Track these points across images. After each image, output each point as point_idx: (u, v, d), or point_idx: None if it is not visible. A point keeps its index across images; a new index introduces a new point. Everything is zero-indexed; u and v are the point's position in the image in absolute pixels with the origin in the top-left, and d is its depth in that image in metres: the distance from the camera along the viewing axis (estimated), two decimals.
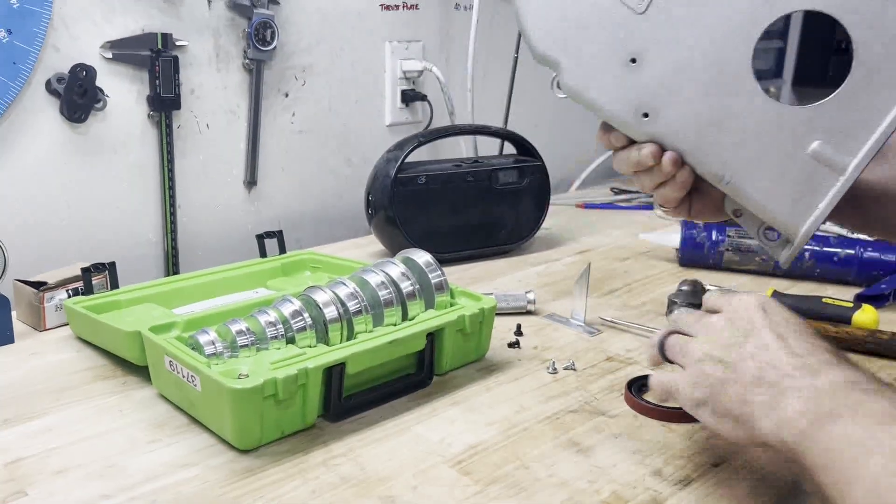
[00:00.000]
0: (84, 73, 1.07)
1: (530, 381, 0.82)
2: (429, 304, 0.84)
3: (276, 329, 0.76)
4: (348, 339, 0.77)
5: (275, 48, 1.26)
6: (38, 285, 0.92)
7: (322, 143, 1.39)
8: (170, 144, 1.18)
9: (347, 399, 0.73)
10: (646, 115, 0.70)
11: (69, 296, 0.92)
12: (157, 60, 1.13)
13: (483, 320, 0.84)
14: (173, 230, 1.21)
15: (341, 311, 0.77)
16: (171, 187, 1.20)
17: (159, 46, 1.13)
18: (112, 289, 0.92)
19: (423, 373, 0.79)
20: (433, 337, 0.79)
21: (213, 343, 0.74)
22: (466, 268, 1.19)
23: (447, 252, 1.18)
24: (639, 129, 0.70)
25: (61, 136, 1.09)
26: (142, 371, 0.79)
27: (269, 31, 1.24)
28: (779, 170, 0.68)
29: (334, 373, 0.71)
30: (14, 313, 0.91)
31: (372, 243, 1.27)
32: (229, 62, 1.24)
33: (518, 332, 0.93)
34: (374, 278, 0.82)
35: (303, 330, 0.76)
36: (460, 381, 0.82)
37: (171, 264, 1.22)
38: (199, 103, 1.22)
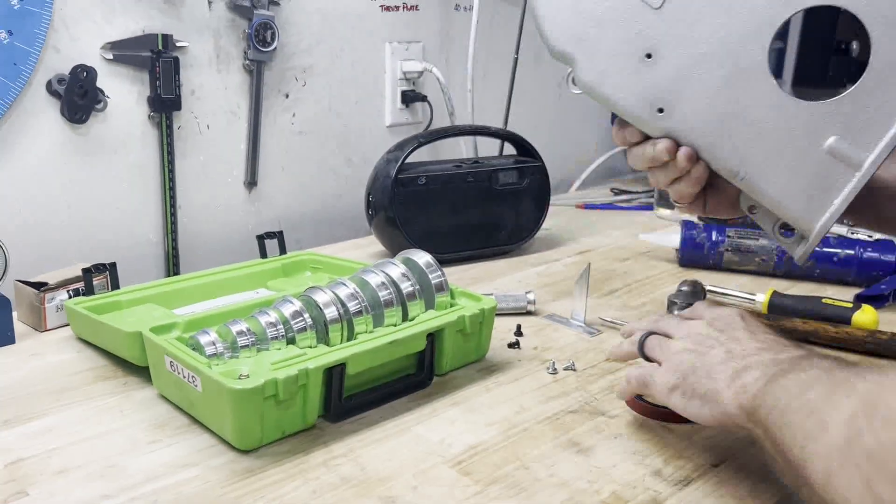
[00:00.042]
0: (84, 73, 1.08)
1: (530, 382, 0.82)
2: (429, 305, 0.84)
3: (277, 329, 0.76)
4: (349, 339, 0.77)
5: (275, 49, 1.26)
6: (38, 286, 0.92)
7: (322, 144, 1.39)
8: (170, 145, 1.18)
9: (348, 399, 0.73)
10: (661, 110, 0.69)
11: (70, 296, 0.92)
12: (157, 61, 1.13)
13: (483, 321, 0.84)
14: (174, 231, 1.22)
15: (342, 311, 0.77)
16: (172, 188, 1.20)
17: (160, 47, 1.14)
18: (113, 289, 0.92)
19: (424, 373, 0.80)
20: (433, 337, 0.79)
21: (214, 343, 0.74)
22: (466, 268, 1.20)
23: (447, 252, 1.18)
24: (654, 124, 0.70)
25: (62, 136, 1.10)
26: (142, 371, 0.79)
27: (269, 32, 1.24)
28: (794, 165, 0.68)
29: (335, 373, 0.71)
30: (15, 314, 0.91)
31: (372, 244, 1.27)
32: (230, 63, 1.24)
33: (518, 332, 0.93)
34: (375, 279, 0.82)
35: (303, 330, 0.77)
36: (460, 382, 0.82)
37: (172, 265, 1.22)
38: (200, 104, 1.22)
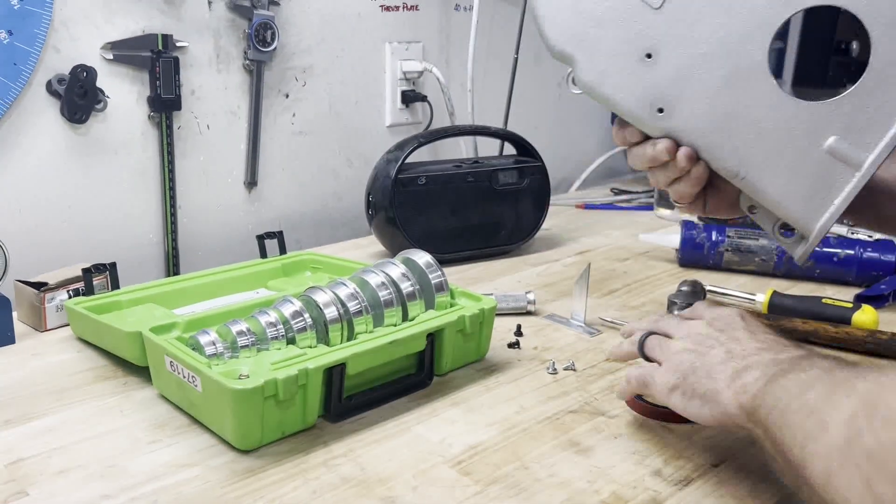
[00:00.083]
0: (85, 74, 1.08)
1: (530, 382, 0.82)
2: (429, 305, 0.84)
3: (277, 329, 0.76)
4: (349, 339, 0.77)
5: (275, 49, 1.26)
6: (38, 286, 0.92)
7: (322, 144, 1.39)
8: (170, 145, 1.18)
9: (348, 399, 0.73)
10: (661, 110, 0.69)
11: (70, 296, 0.92)
12: (157, 61, 1.13)
13: (483, 321, 0.84)
14: (174, 231, 1.22)
15: (342, 311, 0.77)
16: (172, 188, 1.20)
17: (160, 47, 1.14)
18: (113, 289, 0.92)
19: (424, 373, 0.80)
20: (433, 337, 0.79)
21: (214, 343, 0.74)
22: (466, 268, 1.20)
23: (447, 252, 1.18)
24: (653, 124, 0.70)
25: (62, 137, 1.10)
26: (142, 371, 0.79)
27: (269, 32, 1.24)
28: (794, 165, 0.68)
29: (335, 373, 0.71)
30: (15, 314, 0.91)
31: (372, 244, 1.27)
32: (230, 63, 1.24)
33: (518, 332, 0.93)
34: (375, 279, 0.82)
35: (303, 330, 0.77)
36: (460, 382, 0.82)
37: (172, 265, 1.22)
38: (200, 104, 1.22)
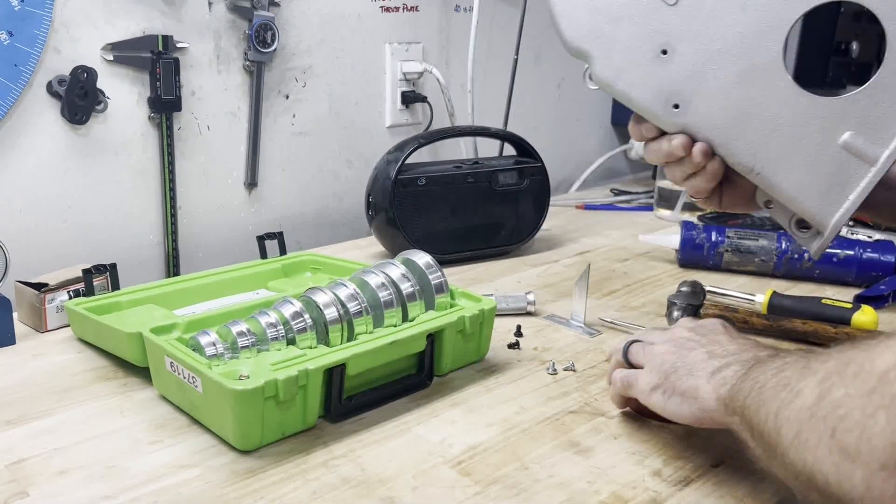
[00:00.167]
0: (85, 75, 1.08)
1: (530, 382, 0.82)
2: (429, 306, 0.84)
3: (277, 330, 0.76)
4: (349, 340, 0.77)
5: (275, 50, 1.26)
6: (39, 287, 0.92)
7: (322, 145, 1.40)
8: (170, 146, 1.18)
9: (348, 400, 0.73)
10: (676, 106, 0.70)
11: (70, 297, 0.92)
12: (157, 62, 1.13)
13: (483, 321, 0.84)
14: (174, 231, 1.22)
15: (342, 312, 0.77)
16: (172, 189, 1.20)
17: (160, 48, 1.14)
18: (113, 290, 0.92)
19: (424, 374, 0.80)
20: (433, 338, 0.80)
21: (214, 344, 0.74)
22: (466, 269, 1.20)
23: (447, 253, 1.18)
24: (669, 120, 0.70)
25: (62, 137, 1.10)
26: (143, 372, 0.80)
27: (269, 33, 1.24)
28: (809, 161, 0.68)
29: (335, 374, 0.71)
30: (15, 315, 0.91)
31: (372, 245, 1.27)
32: (230, 64, 1.24)
33: (518, 333, 0.93)
34: (375, 279, 0.82)
35: (303, 331, 0.77)
36: (460, 382, 0.82)
37: (172, 265, 1.22)
38: (200, 105, 1.22)
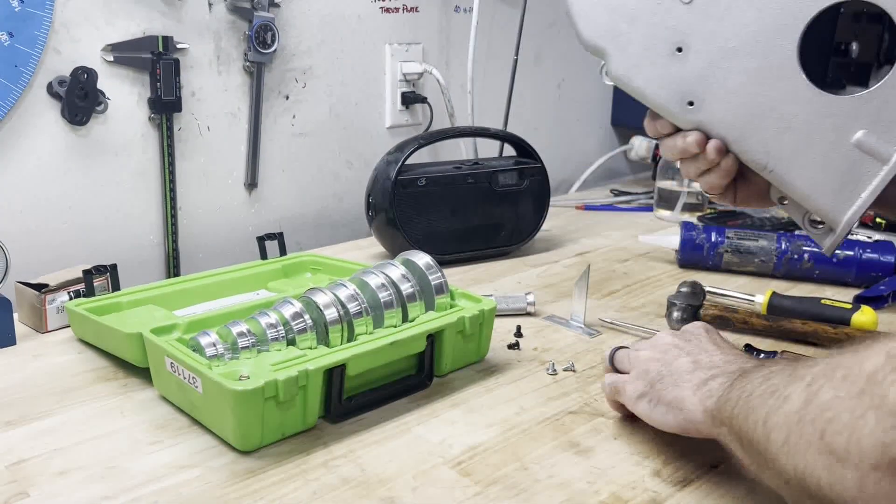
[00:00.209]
0: (85, 75, 1.08)
1: (530, 383, 0.82)
2: (429, 306, 0.84)
3: (277, 331, 0.76)
4: (349, 340, 0.77)
5: (275, 51, 1.26)
6: (39, 287, 0.92)
7: (322, 146, 1.40)
8: (171, 147, 1.19)
9: (348, 400, 0.73)
10: (691, 103, 0.70)
11: (71, 298, 0.92)
12: (158, 63, 1.14)
13: (483, 322, 0.84)
14: (174, 232, 1.22)
15: (342, 312, 0.78)
16: (172, 189, 1.20)
17: (160, 49, 1.14)
18: (113, 291, 0.92)
19: (424, 374, 0.80)
20: (433, 338, 0.80)
21: (214, 345, 0.74)
22: (466, 269, 1.20)
23: (447, 254, 1.19)
24: (684, 117, 0.71)
25: (63, 138, 1.10)
26: (143, 373, 0.80)
27: (269, 34, 1.24)
28: (822, 159, 0.68)
29: (335, 374, 0.71)
30: (16, 315, 0.92)
31: (372, 245, 1.27)
32: (230, 65, 1.24)
33: (518, 333, 0.94)
34: (375, 280, 0.82)
35: (303, 331, 0.77)
36: (460, 383, 0.82)
37: (173, 266, 1.23)
38: (200, 106, 1.22)
